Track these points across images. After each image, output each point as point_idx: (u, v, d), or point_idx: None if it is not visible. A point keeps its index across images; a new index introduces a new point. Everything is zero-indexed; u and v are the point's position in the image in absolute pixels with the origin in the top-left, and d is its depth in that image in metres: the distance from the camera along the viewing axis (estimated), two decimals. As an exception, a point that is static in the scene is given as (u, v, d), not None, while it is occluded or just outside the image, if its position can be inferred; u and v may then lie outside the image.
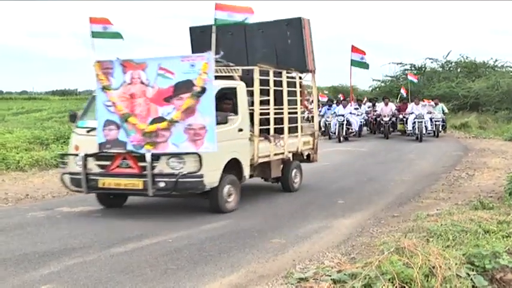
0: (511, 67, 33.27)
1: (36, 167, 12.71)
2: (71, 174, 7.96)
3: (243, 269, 5.53)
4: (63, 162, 8.18)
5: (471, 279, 5.01)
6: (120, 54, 7.90)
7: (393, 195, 9.80)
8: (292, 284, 5.02)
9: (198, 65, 7.26)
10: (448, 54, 35.01)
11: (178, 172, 7.33)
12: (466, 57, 34.56)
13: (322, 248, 6.34)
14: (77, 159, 7.82)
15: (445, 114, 22.46)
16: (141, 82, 7.56)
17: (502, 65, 33.88)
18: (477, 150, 16.82)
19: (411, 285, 4.73)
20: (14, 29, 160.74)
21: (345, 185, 11.00)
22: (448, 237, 6.11)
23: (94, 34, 9.08)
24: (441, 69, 35.14)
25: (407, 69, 34.47)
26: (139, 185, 7.49)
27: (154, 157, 7.39)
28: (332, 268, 5.28)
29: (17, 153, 12.95)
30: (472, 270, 5.13)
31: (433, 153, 16.53)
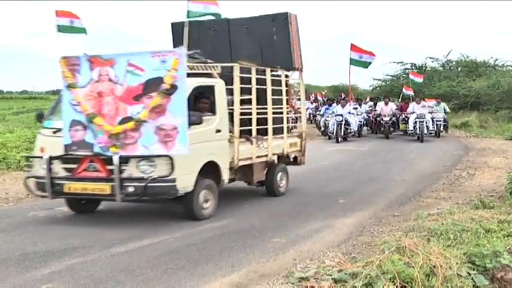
0: (511, 66, 33.27)
1: (37, 167, 12.71)
2: (36, 178, 7.45)
3: (243, 268, 5.54)
4: (29, 165, 7.67)
5: (472, 279, 5.02)
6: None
7: (394, 195, 9.79)
8: (293, 283, 5.03)
9: (169, 61, 6.81)
10: (448, 54, 35.03)
11: (148, 176, 6.89)
12: (467, 57, 34.58)
13: (323, 247, 6.34)
14: (41, 162, 7.32)
15: (446, 113, 22.16)
16: (110, 79, 7.10)
17: (502, 64, 33.90)
18: (478, 150, 16.81)
19: (412, 284, 4.73)
20: (14, 29, 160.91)
21: (346, 184, 10.99)
22: (449, 236, 6.12)
23: (60, 28, 8.72)
24: (442, 68, 35.13)
25: (407, 69, 34.45)
26: (106, 190, 7.03)
27: (123, 160, 6.94)
28: (333, 267, 5.29)
29: (18, 153, 12.92)
30: (473, 270, 5.15)
31: (434, 152, 16.52)
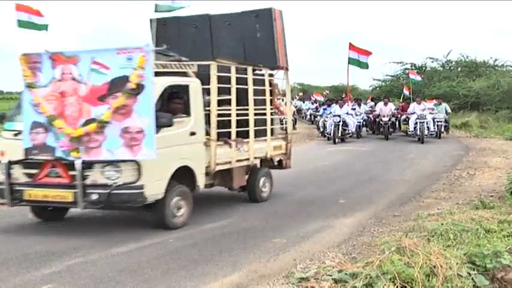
0: (511, 66, 33.27)
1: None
2: None
3: (244, 268, 5.54)
4: None
5: (472, 279, 5.04)
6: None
7: (394, 195, 9.79)
8: (293, 283, 5.03)
9: (136, 59, 6.37)
10: (448, 54, 35.00)
11: (113, 183, 6.44)
12: (467, 57, 34.56)
13: (323, 247, 6.35)
14: (0, 167, 6.87)
15: (448, 114, 21.68)
16: (73, 78, 6.62)
17: (502, 64, 33.88)
18: (478, 150, 16.80)
19: (412, 284, 4.74)
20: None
21: (346, 184, 10.99)
22: (449, 236, 6.13)
23: (20, 23, 8.44)
24: (441, 68, 35.09)
25: (407, 69, 34.43)
26: (68, 197, 6.57)
27: (86, 165, 6.49)
28: (333, 268, 5.30)
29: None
30: (473, 270, 5.16)
31: (434, 152, 16.51)
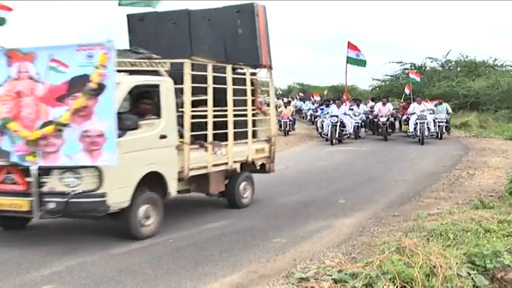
0: (510, 66, 33.27)
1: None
2: None
3: (244, 268, 5.55)
4: None
5: (472, 279, 5.04)
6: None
7: (394, 195, 9.80)
8: (293, 283, 5.04)
9: (97, 56, 5.94)
10: (448, 54, 35.01)
11: (72, 190, 5.98)
12: (466, 57, 34.56)
13: (323, 247, 6.35)
14: None
15: (449, 114, 20.97)
16: (30, 77, 6.18)
17: (501, 64, 33.89)
18: (477, 150, 16.80)
19: (412, 284, 4.74)
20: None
21: (346, 184, 10.99)
22: (449, 236, 6.14)
23: None
24: (441, 68, 35.09)
25: (407, 68, 34.43)
26: (24, 206, 6.08)
27: (44, 171, 6.04)
28: (333, 268, 5.30)
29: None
30: (473, 270, 5.16)
31: (434, 152, 16.50)
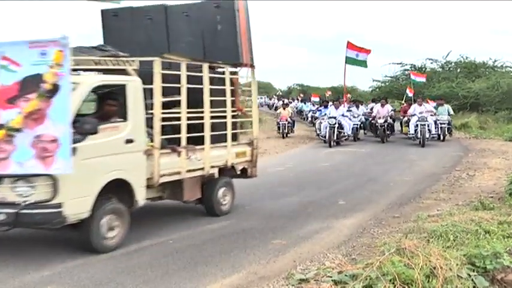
0: (510, 67, 33.30)
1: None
2: None
3: (244, 269, 5.55)
4: None
5: (472, 280, 5.03)
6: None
7: (394, 196, 9.79)
8: (293, 285, 5.04)
9: (51, 54, 5.44)
10: (447, 55, 35.06)
11: (23, 201, 5.51)
12: (466, 58, 34.62)
13: (323, 248, 6.35)
14: None
15: (451, 115, 20.50)
16: None
17: (501, 65, 33.91)
18: (477, 151, 16.80)
19: (412, 286, 4.74)
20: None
21: (345, 185, 10.99)
22: (449, 237, 6.13)
23: None
24: (441, 69, 35.16)
25: (407, 70, 34.48)
26: None
27: None
28: (333, 269, 5.30)
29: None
30: (473, 271, 5.15)
31: (434, 153, 16.50)
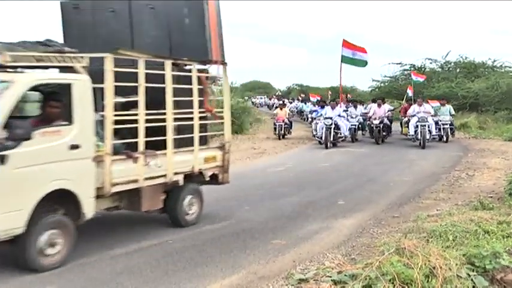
0: (510, 67, 33.32)
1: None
2: None
3: (243, 270, 5.56)
4: None
5: (472, 280, 5.03)
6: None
7: (393, 196, 9.79)
8: (292, 285, 5.05)
9: None
10: (447, 55, 35.12)
11: None
12: (465, 58, 34.67)
13: (323, 248, 6.36)
14: None
15: (452, 116, 20.06)
16: None
17: (501, 65, 33.95)
18: (477, 151, 16.82)
19: (412, 285, 4.74)
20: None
21: (345, 185, 10.98)
22: (448, 237, 6.14)
23: None
24: (440, 69, 35.20)
25: (406, 70, 34.52)
26: None
27: None
28: (332, 269, 5.30)
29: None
30: (473, 271, 5.16)
31: (433, 153, 16.50)
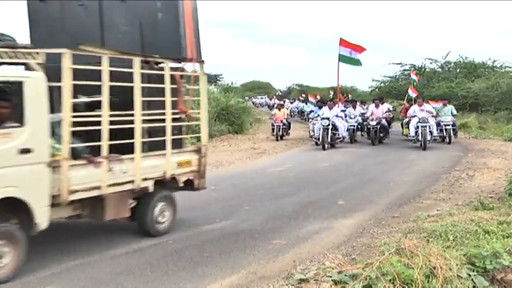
0: (510, 67, 33.34)
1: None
2: None
3: (243, 270, 5.55)
4: None
5: (472, 280, 5.04)
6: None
7: (393, 196, 9.79)
8: (292, 285, 5.05)
9: None
10: (447, 55, 35.17)
11: None
12: (465, 58, 34.69)
13: (323, 248, 6.36)
14: None
15: (455, 116, 19.73)
16: None
17: (501, 65, 33.97)
18: (477, 151, 16.81)
19: (412, 285, 4.74)
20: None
21: (345, 185, 10.98)
22: (449, 237, 6.14)
23: None
24: (440, 69, 35.22)
25: (406, 70, 34.53)
26: None
27: None
28: (333, 269, 5.30)
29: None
30: (473, 271, 5.16)
31: (433, 153, 16.50)
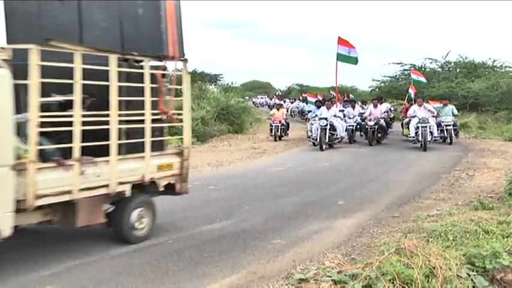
0: (510, 67, 33.34)
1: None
2: None
3: (243, 270, 5.56)
4: None
5: (471, 280, 5.04)
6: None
7: (393, 196, 9.80)
8: (292, 284, 5.06)
9: None
10: (447, 55, 35.18)
11: None
12: (465, 58, 34.70)
13: (323, 248, 6.36)
14: None
15: (455, 116, 19.54)
16: None
17: (501, 65, 33.98)
18: (477, 151, 16.82)
19: (411, 285, 4.75)
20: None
21: (345, 185, 10.99)
22: (448, 237, 6.15)
23: None
24: (440, 69, 35.22)
25: (407, 69, 34.53)
26: None
27: None
28: (332, 269, 5.31)
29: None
30: (473, 271, 5.16)
31: (433, 153, 16.50)
